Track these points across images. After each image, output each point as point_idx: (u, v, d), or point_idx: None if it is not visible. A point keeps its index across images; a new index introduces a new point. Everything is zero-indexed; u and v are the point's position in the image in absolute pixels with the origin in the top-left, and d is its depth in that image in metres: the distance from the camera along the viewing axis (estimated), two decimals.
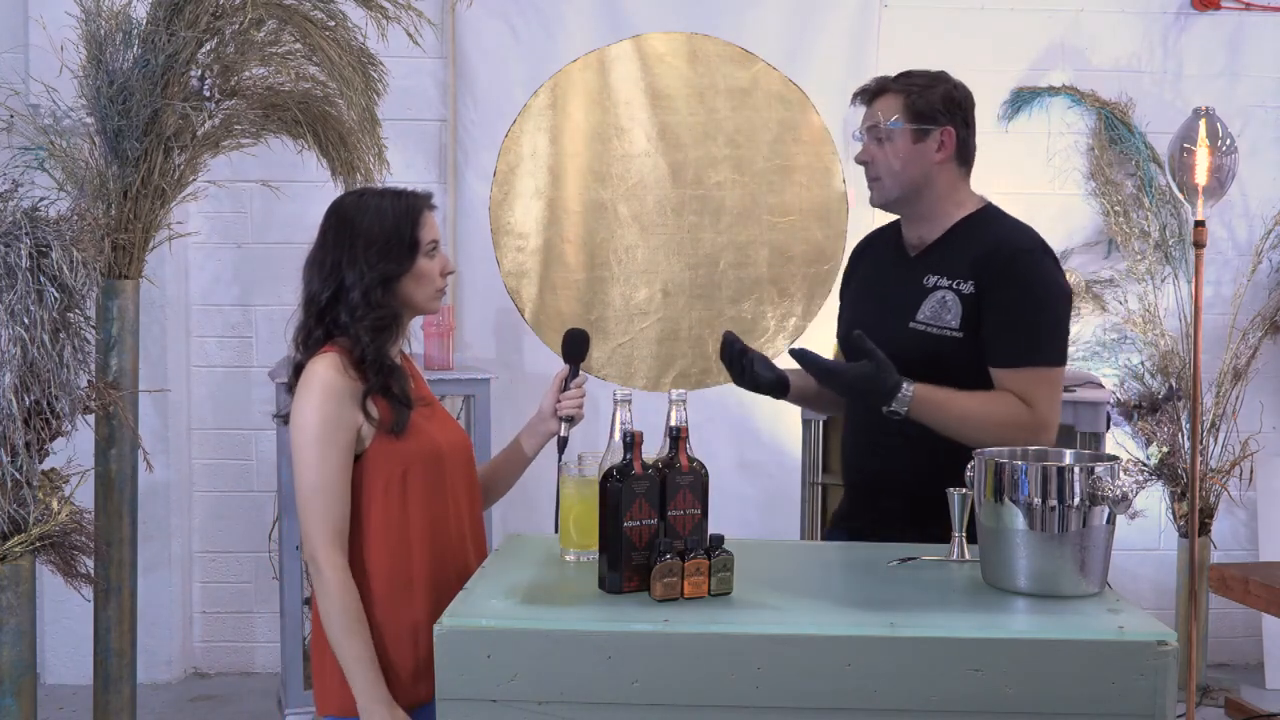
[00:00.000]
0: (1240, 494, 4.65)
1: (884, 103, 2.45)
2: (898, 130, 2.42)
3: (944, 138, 2.44)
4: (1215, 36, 4.66)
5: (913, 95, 2.43)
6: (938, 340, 2.37)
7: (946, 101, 2.45)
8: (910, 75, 2.49)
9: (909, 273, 2.46)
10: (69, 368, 2.73)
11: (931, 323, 2.38)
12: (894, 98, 2.44)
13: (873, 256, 2.64)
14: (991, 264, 2.36)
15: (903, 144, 2.42)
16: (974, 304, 2.36)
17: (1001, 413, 2.31)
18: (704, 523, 1.92)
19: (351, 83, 3.27)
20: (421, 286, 2.18)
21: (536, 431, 2.38)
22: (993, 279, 2.35)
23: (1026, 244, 2.42)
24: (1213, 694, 4.39)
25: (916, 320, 2.40)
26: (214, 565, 4.62)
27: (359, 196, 2.21)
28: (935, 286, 2.41)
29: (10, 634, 2.77)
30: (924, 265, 2.45)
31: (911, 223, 2.51)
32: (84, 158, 3.23)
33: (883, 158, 2.44)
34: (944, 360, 2.35)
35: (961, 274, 2.38)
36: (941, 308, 2.38)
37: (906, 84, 2.45)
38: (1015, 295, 2.35)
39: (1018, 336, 2.34)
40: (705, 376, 4.54)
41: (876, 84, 2.49)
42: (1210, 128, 4.13)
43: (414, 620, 2.10)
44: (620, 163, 4.51)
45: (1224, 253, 4.69)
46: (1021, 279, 2.36)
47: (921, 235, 2.49)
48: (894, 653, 1.72)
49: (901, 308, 2.42)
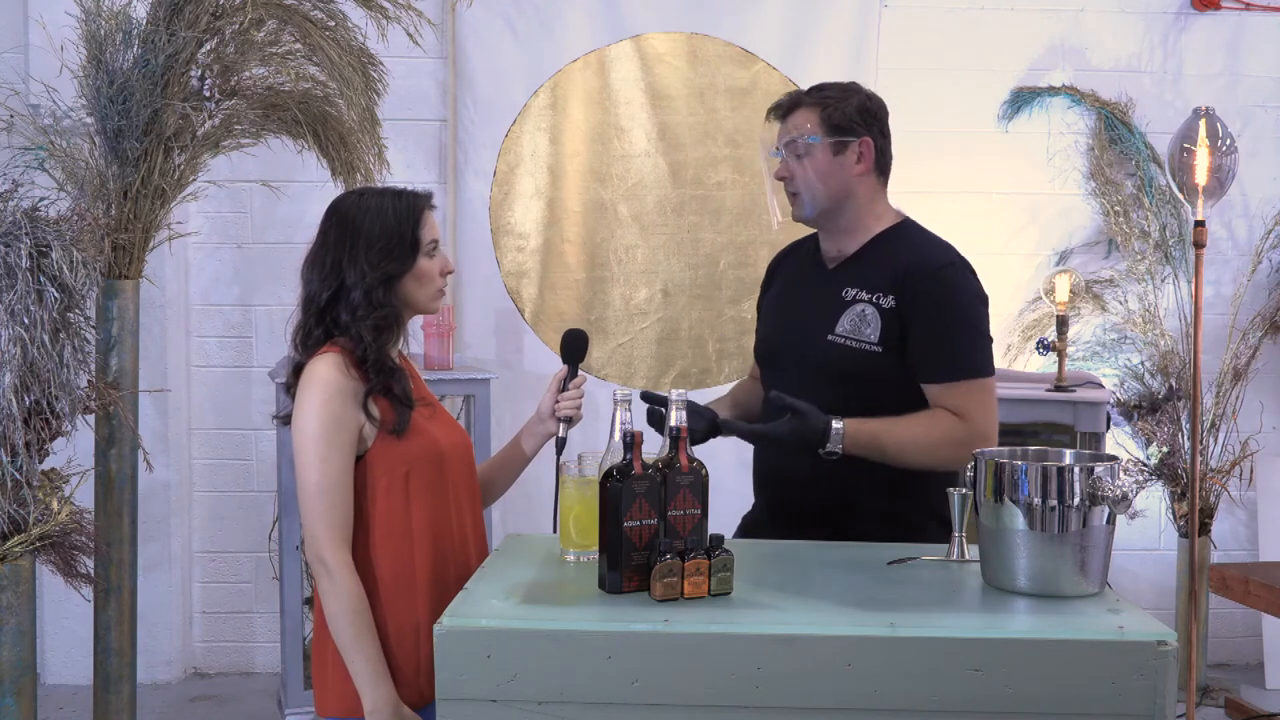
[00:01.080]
0: (1240, 494, 4.65)
1: (799, 117, 2.43)
2: (816, 144, 2.40)
3: (862, 149, 2.43)
4: (1215, 36, 4.66)
5: (828, 108, 2.41)
6: (856, 354, 2.37)
7: (862, 112, 2.43)
8: (823, 88, 2.47)
9: (827, 285, 2.46)
10: (69, 368, 2.73)
11: (850, 336, 2.38)
12: (809, 111, 2.43)
13: (790, 268, 2.62)
14: (914, 281, 2.36)
15: (822, 158, 2.41)
16: (894, 318, 2.35)
17: (936, 434, 2.31)
18: (704, 523, 1.93)
19: (351, 83, 3.27)
20: (422, 286, 2.18)
21: (535, 432, 2.37)
22: (915, 295, 2.35)
23: (946, 259, 2.41)
24: (1213, 694, 4.39)
25: (835, 333, 2.39)
26: (214, 565, 4.62)
27: (359, 196, 2.21)
28: (854, 300, 2.40)
29: (10, 634, 2.77)
30: (842, 278, 2.44)
31: (831, 236, 2.49)
32: (84, 158, 3.23)
33: (802, 173, 2.42)
34: (861, 373, 2.36)
35: (882, 288, 2.38)
36: (861, 321, 2.38)
37: (821, 97, 2.44)
38: (940, 311, 2.35)
39: (946, 352, 2.35)
40: (705, 376, 4.54)
41: (790, 99, 2.48)
42: (1210, 128, 4.13)
43: (416, 620, 2.10)
44: (620, 163, 4.51)
45: (1224, 253, 4.69)
46: (944, 295, 2.36)
47: (840, 248, 2.48)
48: (894, 653, 1.72)
49: (819, 320, 2.42)
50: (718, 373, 4.55)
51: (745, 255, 4.50)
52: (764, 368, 2.60)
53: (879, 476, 2.33)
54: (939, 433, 2.31)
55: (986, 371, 2.38)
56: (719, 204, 4.52)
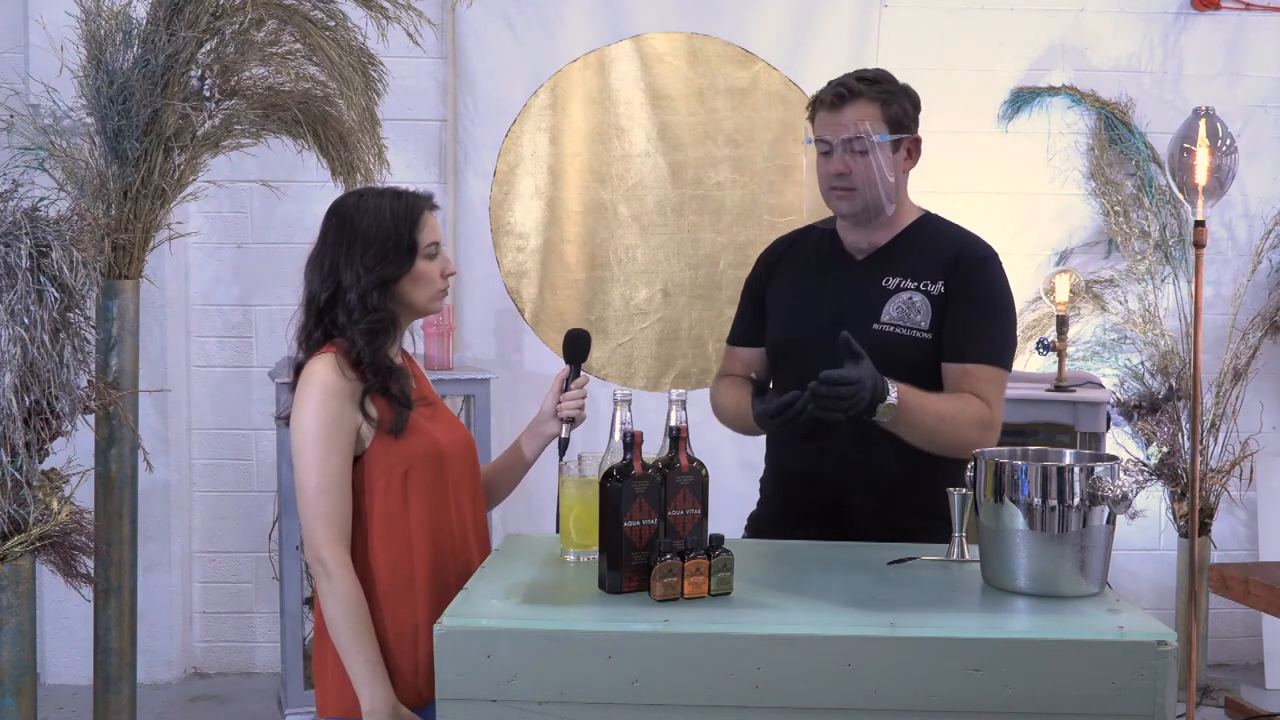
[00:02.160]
0: (1240, 494, 4.65)
1: (858, 110, 2.37)
2: (883, 142, 2.37)
3: (911, 146, 2.43)
4: (1215, 36, 4.66)
5: (890, 105, 2.39)
6: (906, 341, 2.36)
7: (915, 109, 2.44)
8: (876, 81, 2.41)
9: (863, 276, 2.44)
10: (69, 368, 2.73)
11: (899, 324, 2.37)
12: (870, 106, 2.37)
13: (800, 260, 2.56)
14: (964, 266, 2.38)
15: (885, 156, 2.38)
16: (943, 304, 2.36)
17: (971, 412, 2.31)
18: (704, 523, 1.92)
19: (351, 83, 3.26)
20: (421, 288, 2.18)
21: (537, 433, 2.37)
22: (965, 279, 2.37)
23: (990, 251, 2.45)
24: (1213, 694, 4.39)
25: (882, 322, 2.38)
26: (214, 565, 4.62)
27: (359, 197, 2.20)
28: (899, 288, 2.39)
29: (10, 634, 2.77)
30: (879, 268, 2.43)
31: (863, 229, 2.46)
32: (84, 158, 3.23)
33: (864, 170, 2.37)
34: (909, 361, 2.34)
35: (929, 275, 2.38)
36: (909, 309, 2.38)
37: (880, 91, 2.39)
38: (984, 297, 2.38)
39: (984, 335, 2.36)
40: (705, 376, 4.54)
41: (845, 89, 2.39)
42: (1210, 128, 4.13)
43: (415, 620, 2.10)
44: (620, 163, 4.51)
45: (1224, 253, 4.69)
46: (990, 283, 2.40)
47: (872, 240, 2.46)
48: (894, 653, 1.72)
49: (860, 309, 2.40)
50: None
51: (745, 255, 4.49)
52: (784, 360, 2.52)
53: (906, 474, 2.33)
54: (972, 413, 2.31)
55: (1009, 366, 2.42)
56: (719, 204, 4.52)
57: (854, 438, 2.33)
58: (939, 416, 2.28)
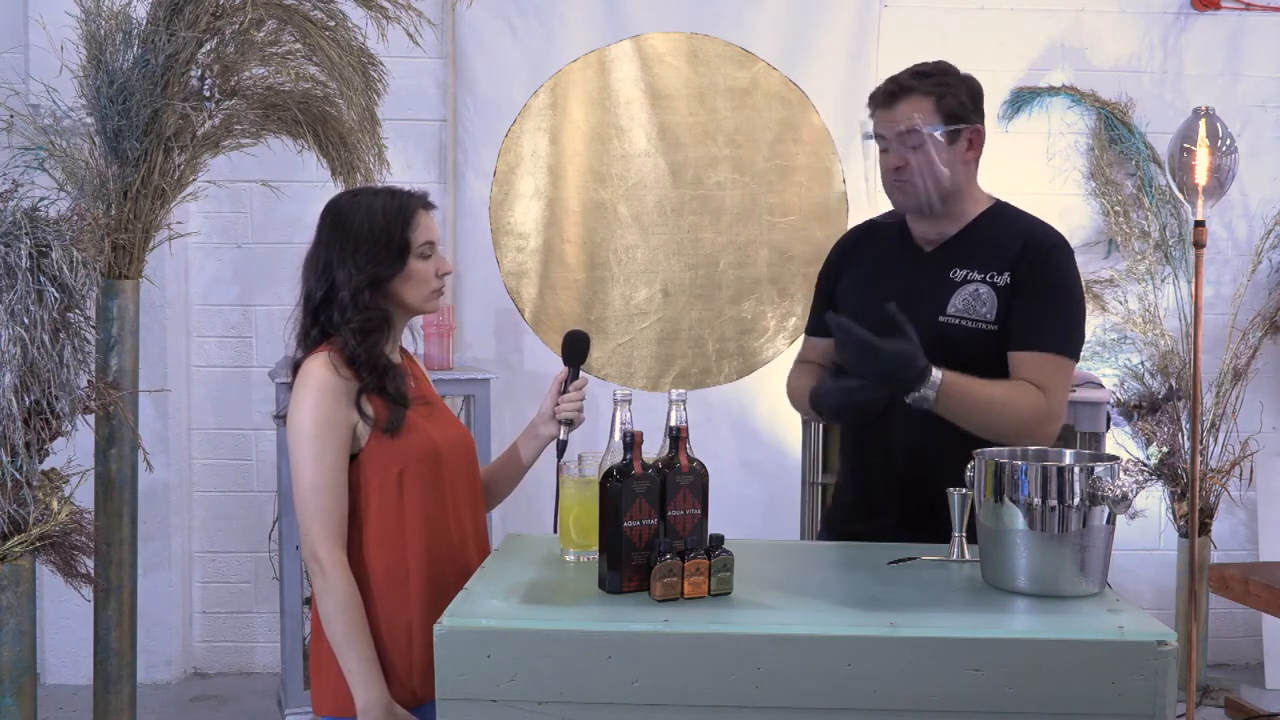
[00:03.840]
0: (1240, 494, 4.65)
1: (911, 105, 2.37)
2: (937, 134, 2.36)
3: (972, 136, 2.42)
4: (1215, 36, 4.66)
5: (944, 97, 2.38)
6: (972, 333, 2.35)
7: (973, 98, 2.42)
8: (930, 75, 2.41)
9: (930, 267, 2.43)
10: (69, 368, 2.73)
11: (965, 316, 2.36)
12: (923, 100, 2.38)
13: (871, 252, 2.57)
14: (1030, 255, 2.35)
15: (942, 148, 2.37)
16: (1009, 296, 2.34)
17: (1024, 401, 2.29)
18: (704, 523, 1.92)
19: (351, 83, 3.26)
20: (414, 288, 2.17)
21: (536, 434, 2.36)
22: (1032, 269, 2.34)
23: (1060, 239, 2.41)
24: (1213, 694, 4.39)
25: (947, 314, 2.37)
26: (214, 565, 4.62)
27: (353, 196, 2.20)
28: (966, 280, 2.38)
29: (10, 634, 2.77)
30: (947, 259, 2.42)
31: (930, 221, 2.45)
32: (84, 158, 3.23)
33: (920, 163, 2.37)
34: (976, 353, 2.32)
35: (995, 266, 2.37)
36: (975, 300, 2.36)
37: (933, 84, 2.39)
38: (1054, 286, 2.35)
39: (1051, 324, 2.34)
40: (705, 376, 4.54)
41: (896, 86, 2.40)
42: (1210, 128, 4.13)
43: (409, 619, 2.10)
44: (620, 163, 4.51)
45: (1224, 253, 4.69)
46: (1060, 272, 2.36)
47: (940, 231, 2.45)
48: (894, 653, 1.72)
49: (927, 301, 2.38)
50: (717, 373, 4.55)
51: (745, 255, 4.50)
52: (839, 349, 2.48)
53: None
54: (1026, 401, 2.29)
55: (1076, 356, 2.38)
56: (719, 204, 4.52)
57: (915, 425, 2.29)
58: (989, 402, 2.26)
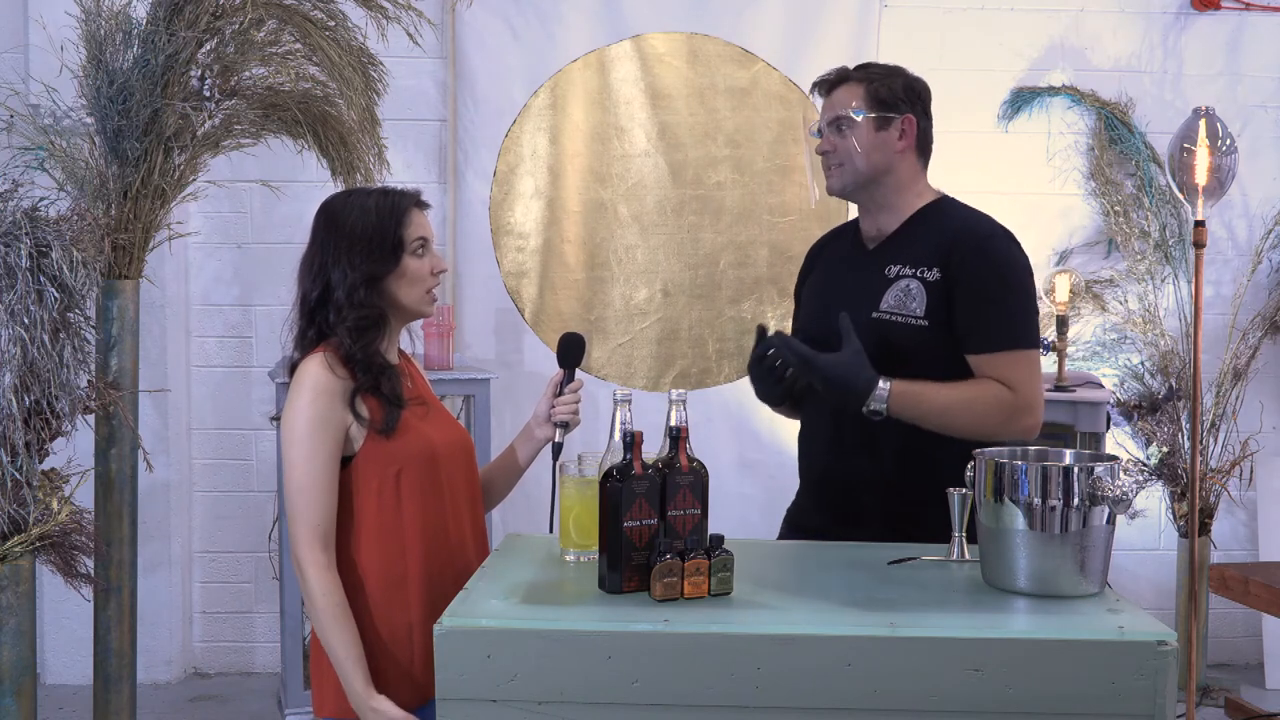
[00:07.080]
0: (1240, 494, 4.65)
1: (844, 93, 2.44)
2: (860, 119, 2.41)
3: (905, 126, 2.43)
4: (1215, 36, 4.66)
5: (874, 84, 2.42)
6: (901, 329, 2.35)
7: (907, 90, 2.45)
8: (868, 66, 2.49)
9: (868, 264, 2.45)
10: (69, 368, 2.73)
11: (896, 311, 2.36)
12: (855, 87, 2.44)
13: (829, 254, 2.62)
14: (959, 250, 2.35)
15: (865, 132, 2.41)
16: (940, 291, 2.34)
17: (985, 399, 2.29)
18: (704, 523, 1.92)
19: (351, 83, 3.27)
20: (410, 286, 2.17)
21: (531, 437, 2.36)
22: (962, 265, 2.34)
23: (991, 229, 2.41)
24: (1213, 694, 4.39)
25: (880, 310, 2.37)
26: (214, 565, 4.62)
27: (346, 196, 2.21)
28: (898, 276, 2.39)
29: (10, 634, 2.77)
30: (884, 256, 2.44)
31: (870, 213, 2.49)
32: (84, 158, 3.23)
33: (844, 146, 2.42)
34: (907, 349, 2.33)
35: (925, 261, 2.37)
36: (906, 296, 2.37)
37: (867, 73, 2.45)
38: (986, 280, 2.34)
39: (994, 321, 2.33)
40: (705, 376, 4.54)
41: (836, 74, 2.48)
42: (1210, 128, 4.12)
43: (409, 620, 2.10)
44: (620, 163, 4.51)
45: (1224, 253, 4.69)
46: (991, 264, 2.35)
47: (880, 226, 2.47)
48: (894, 653, 1.72)
49: (862, 298, 2.40)
50: (717, 373, 4.55)
51: (745, 255, 4.50)
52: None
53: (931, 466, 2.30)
54: (987, 398, 2.29)
55: (1033, 342, 2.37)
56: (719, 204, 4.52)
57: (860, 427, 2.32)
58: (945, 406, 2.28)
